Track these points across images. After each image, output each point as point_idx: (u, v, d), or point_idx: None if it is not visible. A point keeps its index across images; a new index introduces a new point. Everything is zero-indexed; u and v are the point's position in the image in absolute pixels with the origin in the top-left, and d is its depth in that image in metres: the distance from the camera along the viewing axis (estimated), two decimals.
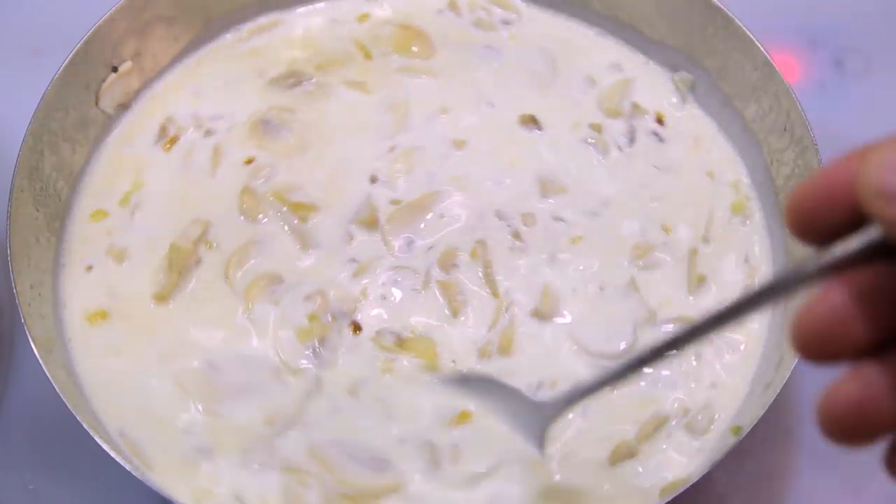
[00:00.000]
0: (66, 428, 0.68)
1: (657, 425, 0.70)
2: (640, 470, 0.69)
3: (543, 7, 0.85)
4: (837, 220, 0.44)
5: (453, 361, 0.72)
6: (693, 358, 0.73)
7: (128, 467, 0.65)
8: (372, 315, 0.74)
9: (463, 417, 0.70)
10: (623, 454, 0.69)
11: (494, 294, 0.74)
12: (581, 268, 0.75)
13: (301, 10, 0.86)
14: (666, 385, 0.72)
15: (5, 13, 0.95)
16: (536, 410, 0.64)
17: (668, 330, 0.73)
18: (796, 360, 0.67)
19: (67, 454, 0.77)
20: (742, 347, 0.73)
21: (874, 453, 0.79)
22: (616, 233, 0.77)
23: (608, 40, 0.84)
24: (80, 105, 0.78)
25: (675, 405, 0.71)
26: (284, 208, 0.77)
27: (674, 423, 0.71)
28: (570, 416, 0.69)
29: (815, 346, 0.46)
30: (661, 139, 0.81)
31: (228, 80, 0.83)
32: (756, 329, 0.74)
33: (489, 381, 0.67)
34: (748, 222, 0.78)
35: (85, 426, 0.66)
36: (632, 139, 0.80)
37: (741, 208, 0.78)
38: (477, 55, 0.83)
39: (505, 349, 0.72)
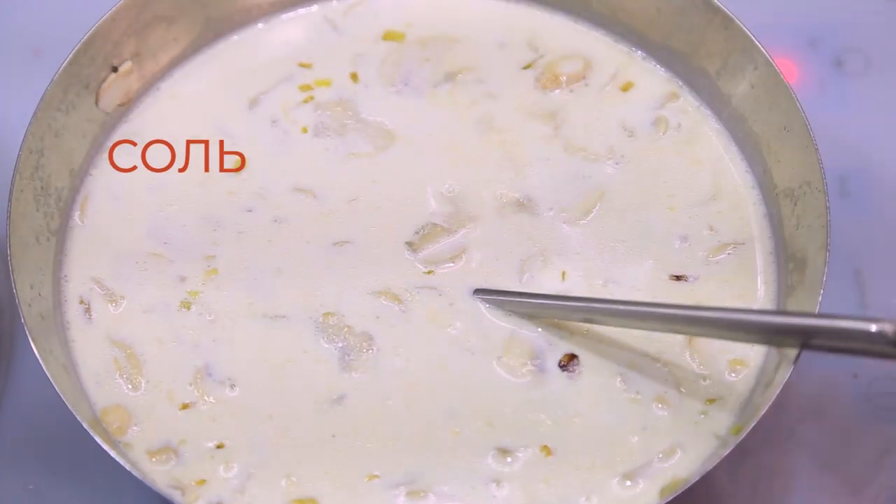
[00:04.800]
0: (66, 428, 0.68)
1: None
2: None
3: (542, 7, 0.85)
4: None
5: None
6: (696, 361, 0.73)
7: (128, 467, 0.65)
8: None
9: None
10: None
11: None
12: None
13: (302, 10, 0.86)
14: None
15: (5, 13, 0.95)
16: None
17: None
18: (796, 360, 0.67)
19: (67, 454, 0.77)
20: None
21: (874, 454, 0.80)
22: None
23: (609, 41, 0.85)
24: (80, 105, 0.78)
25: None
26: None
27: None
28: None
29: None
30: (660, 139, 0.81)
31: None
32: None
33: None
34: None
35: (85, 426, 0.66)
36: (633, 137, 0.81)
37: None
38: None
39: None
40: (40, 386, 0.68)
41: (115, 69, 0.80)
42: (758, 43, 0.77)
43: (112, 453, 0.65)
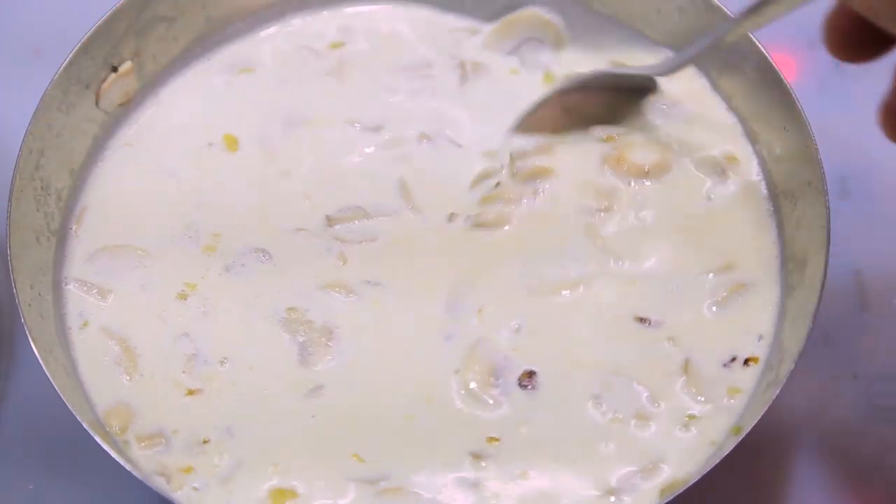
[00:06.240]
0: (66, 428, 0.68)
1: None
2: None
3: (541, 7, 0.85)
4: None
5: None
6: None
7: (128, 467, 0.65)
8: None
9: None
10: None
11: None
12: None
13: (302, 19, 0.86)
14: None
15: (5, 13, 0.95)
16: (650, 72, 0.79)
17: None
18: (796, 360, 0.67)
19: (67, 454, 0.77)
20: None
21: (874, 454, 0.80)
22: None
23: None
24: (80, 105, 0.78)
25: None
26: None
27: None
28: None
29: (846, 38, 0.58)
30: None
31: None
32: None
33: (601, 73, 0.80)
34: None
35: (85, 426, 0.66)
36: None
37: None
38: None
39: None
40: (40, 386, 0.68)
41: (115, 69, 0.80)
42: (758, 43, 0.77)
43: (112, 453, 0.65)
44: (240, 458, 0.70)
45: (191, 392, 0.72)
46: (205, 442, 0.70)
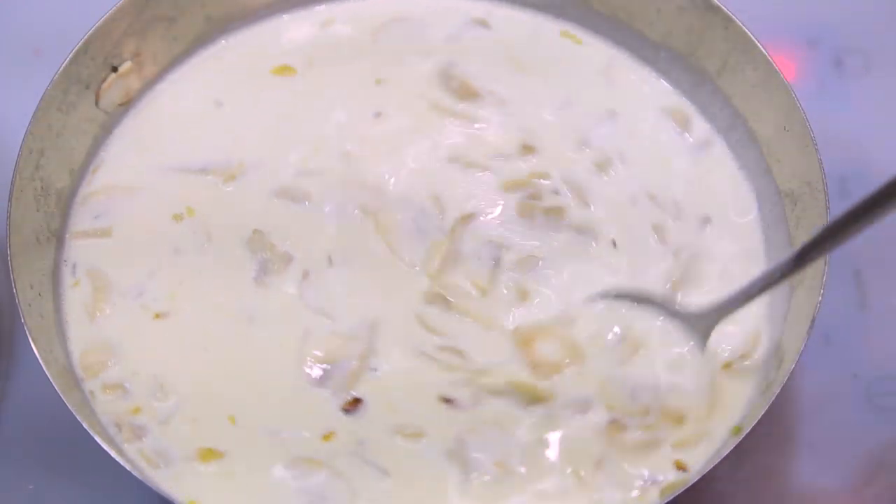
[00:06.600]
0: (66, 428, 0.68)
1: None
2: None
3: (542, 9, 0.85)
4: None
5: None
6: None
7: (128, 467, 0.65)
8: None
9: None
10: None
11: None
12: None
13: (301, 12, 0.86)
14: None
15: (5, 13, 0.96)
16: (692, 320, 0.71)
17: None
18: (796, 360, 0.67)
19: (67, 454, 0.77)
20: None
21: (874, 454, 0.80)
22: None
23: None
24: (80, 105, 0.78)
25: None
26: None
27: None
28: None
29: None
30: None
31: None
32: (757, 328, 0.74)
33: (640, 295, 0.73)
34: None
35: (85, 426, 0.66)
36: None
37: None
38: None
39: None
40: (40, 386, 0.68)
41: (115, 69, 0.80)
42: (758, 43, 0.77)
43: (112, 453, 0.65)
44: (182, 396, 0.71)
45: (158, 316, 0.73)
46: (162, 386, 0.71)
